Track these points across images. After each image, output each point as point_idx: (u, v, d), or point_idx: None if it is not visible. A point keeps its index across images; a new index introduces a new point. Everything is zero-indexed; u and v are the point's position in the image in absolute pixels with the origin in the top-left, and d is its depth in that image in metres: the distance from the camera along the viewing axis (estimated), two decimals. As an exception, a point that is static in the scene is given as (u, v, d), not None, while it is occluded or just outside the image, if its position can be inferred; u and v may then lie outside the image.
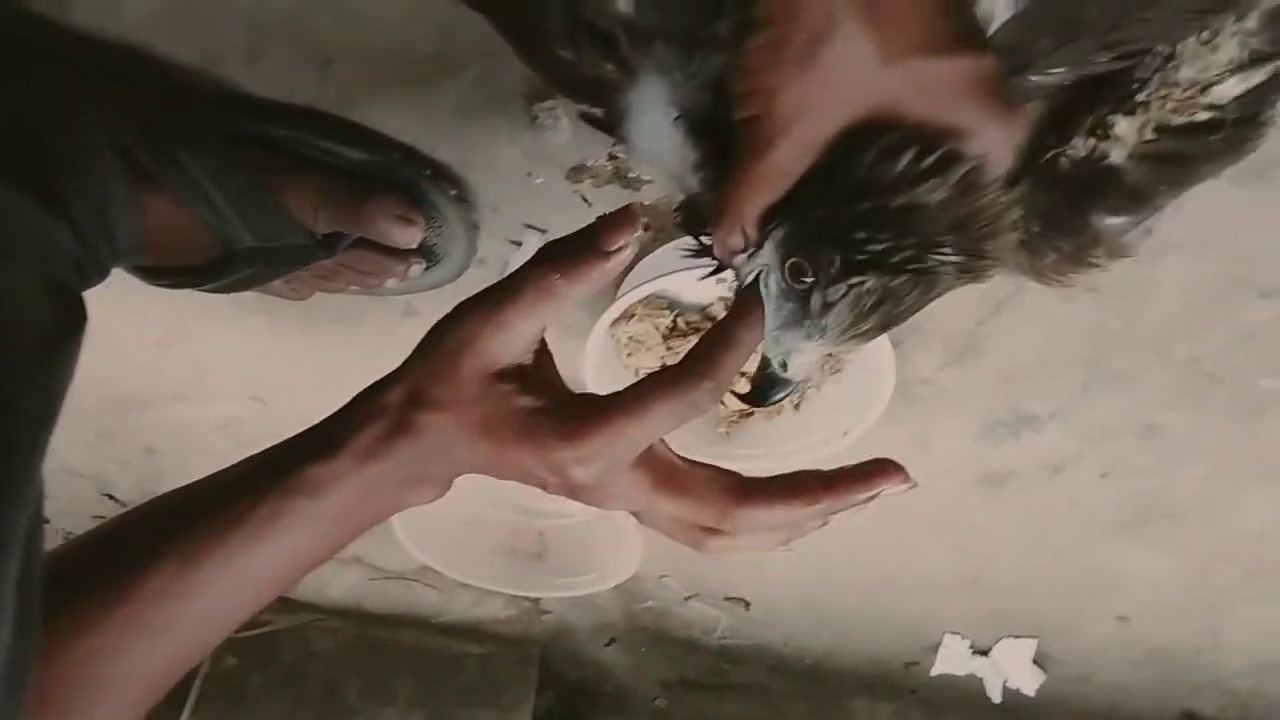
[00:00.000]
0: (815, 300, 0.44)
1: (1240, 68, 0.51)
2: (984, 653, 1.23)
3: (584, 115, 0.57)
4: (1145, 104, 0.54)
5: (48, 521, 0.46)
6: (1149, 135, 0.55)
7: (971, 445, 0.92)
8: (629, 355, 0.83)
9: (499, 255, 0.79)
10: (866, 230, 0.41)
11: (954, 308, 0.79)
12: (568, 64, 0.51)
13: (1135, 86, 0.53)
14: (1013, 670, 1.23)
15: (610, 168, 0.71)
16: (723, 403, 0.86)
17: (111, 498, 1.18)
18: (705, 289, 0.80)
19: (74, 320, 0.58)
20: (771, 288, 0.47)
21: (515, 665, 1.25)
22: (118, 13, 0.64)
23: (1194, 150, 0.55)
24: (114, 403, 1.02)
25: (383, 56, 0.67)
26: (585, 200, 0.74)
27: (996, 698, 1.26)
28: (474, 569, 1.04)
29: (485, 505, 1.00)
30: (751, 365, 0.50)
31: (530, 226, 0.77)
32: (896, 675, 1.29)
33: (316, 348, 0.91)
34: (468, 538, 1.05)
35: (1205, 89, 0.52)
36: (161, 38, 0.66)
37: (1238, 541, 0.98)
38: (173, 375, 0.97)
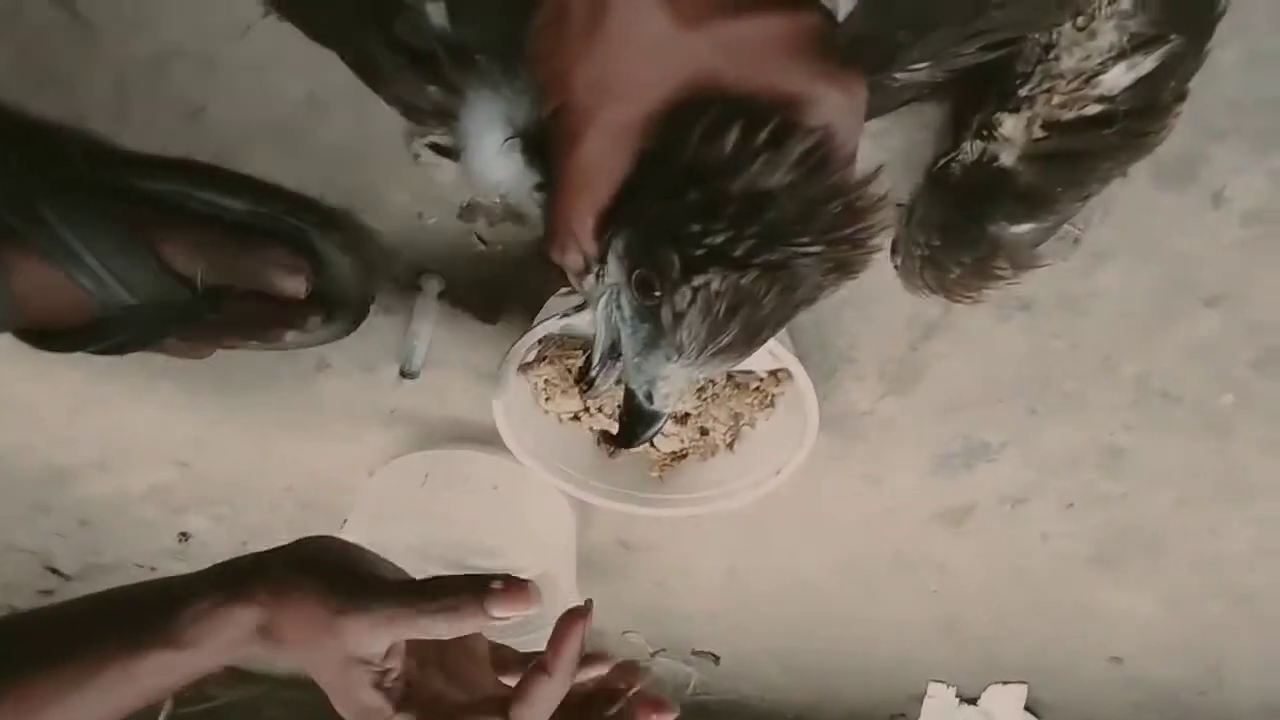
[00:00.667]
0: (665, 314, 0.39)
1: (1123, 54, 0.48)
2: (972, 701, 1.16)
3: (432, 146, 0.54)
4: (1030, 99, 0.50)
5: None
6: (1038, 133, 0.51)
7: (925, 480, 0.87)
8: (547, 399, 0.79)
9: (402, 301, 0.76)
10: (700, 221, 0.37)
11: (881, 333, 0.74)
12: (404, 91, 0.49)
13: (1018, 81, 0.50)
14: (1006, 719, 1.16)
15: (502, 205, 0.68)
16: (653, 446, 0.82)
17: (55, 571, 1.15)
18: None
19: None
20: (625, 309, 0.43)
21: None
22: (-25, 70, 0.62)
23: (1088, 146, 0.51)
24: (42, 474, 0.99)
25: (253, 102, 0.64)
26: (480, 239, 0.71)
27: (991, 749, 1.18)
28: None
29: (425, 560, 0.95)
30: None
31: (428, 271, 0.74)
32: (883, 727, 1.22)
33: (233, 407, 0.88)
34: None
35: (1092, 79, 0.49)
36: (24, 94, 0.64)
37: (1222, 569, 0.91)
38: (91, 444, 0.93)
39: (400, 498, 0.88)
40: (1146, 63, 0.48)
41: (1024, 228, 0.55)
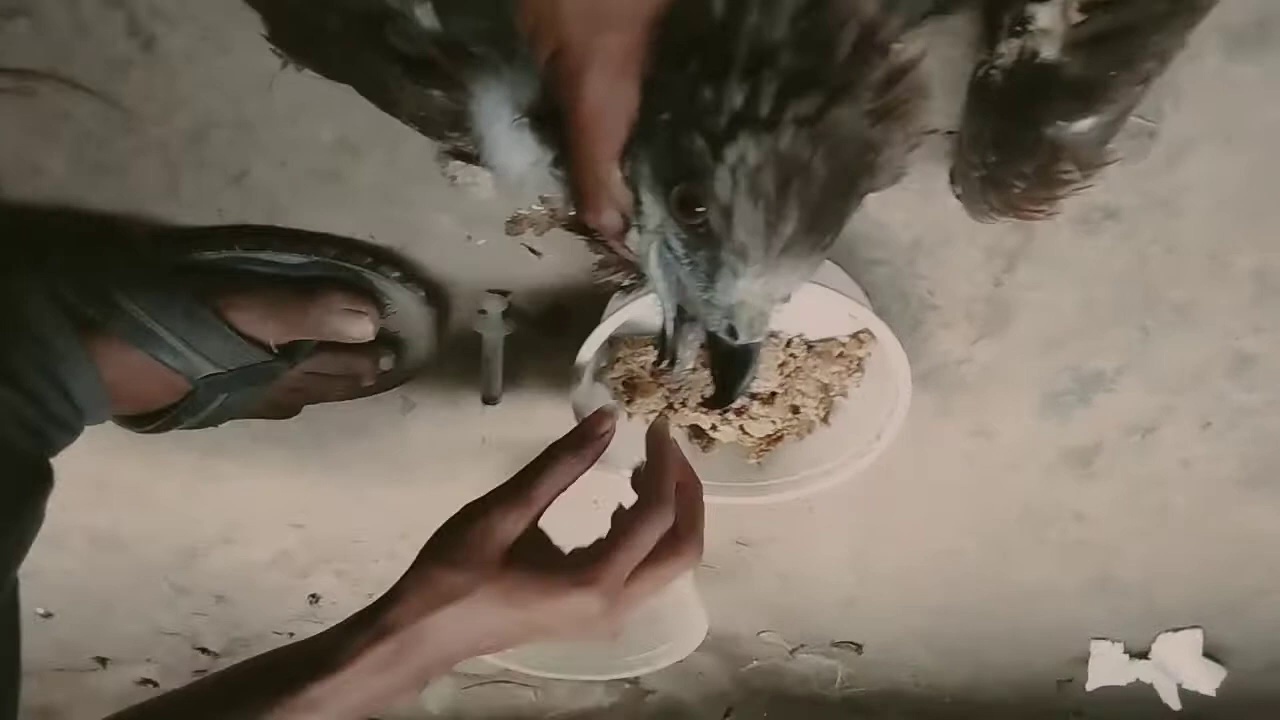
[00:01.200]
0: (714, 218, 0.36)
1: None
2: (1143, 655, 1.08)
3: (455, 152, 0.53)
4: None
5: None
6: (1075, 17, 0.47)
7: (1041, 423, 0.81)
8: (628, 402, 0.77)
9: (468, 326, 0.76)
10: (712, 86, 0.34)
11: (960, 272, 0.70)
12: (413, 104, 0.49)
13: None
14: (1184, 669, 1.07)
15: (546, 211, 0.68)
16: (746, 433, 0.79)
17: (205, 651, 1.20)
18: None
19: (28, 479, 0.59)
20: (676, 247, 0.41)
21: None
22: (37, 177, 0.66)
23: (1133, 19, 0.46)
24: (173, 557, 1.03)
25: (291, 155, 0.66)
26: (533, 251, 0.70)
27: (1175, 704, 1.09)
28: (546, 660, 0.99)
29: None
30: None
31: (492, 291, 0.74)
32: (1050, 697, 1.15)
33: (334, 462, 0.90)
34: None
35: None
36: (83, 190, 0.67)
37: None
38: (213, 520, 0.97)
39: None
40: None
41: (1084, 124, 0.50)
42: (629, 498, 0.85)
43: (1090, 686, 1.09)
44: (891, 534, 0.95)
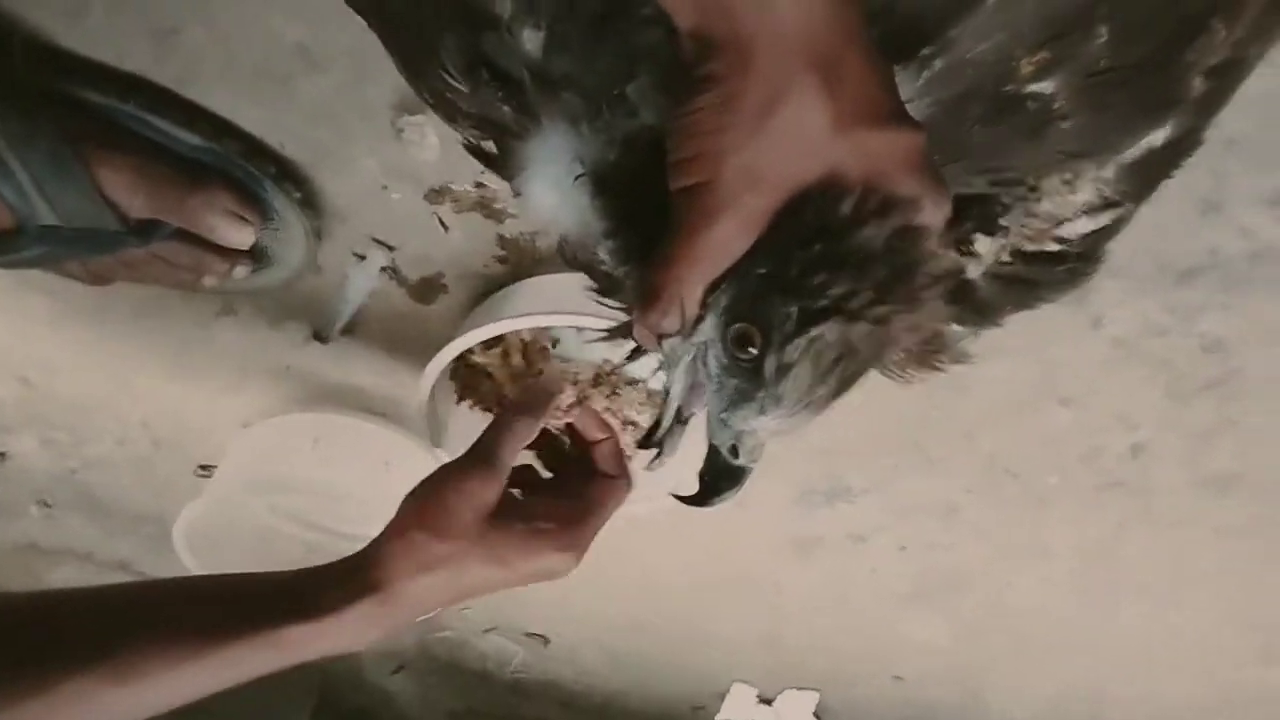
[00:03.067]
0: (769, 366, 0.41)
1: (1091, 210, 0.55)
2: (769, 702, 1.27)
3: (471, 147, 0.53)
4: (1006, 229, 0.56)
5: None
6: (1005, 258, 0.58)
7: (788, 509, 0.95)
8: (467, 388, 0.79)
9: (338, 265, 0.73)
10: (825, 274, 0.39)
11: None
12: (461, 95, 0.48)
13: (1000, 211, 0.56)
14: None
15: (476, 195, 0.68)
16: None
17: None
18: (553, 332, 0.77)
19: None
20: (711, 366, 0.44)
21: (292, 689, 1.16)
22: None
23: (1041, 277, 0.58)
24: None
25: (240, 37, 0.60)
26: (442, 223, 0.70)
27: (774, 745, 1.30)
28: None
29: (280, 518, 0.92)
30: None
31: (379, 241, 0.72)
32: (682, 718, 1.31)
33: (106, 338, 0.81)
34: (257, 554, 0.96)
35: (1059, 224, 0.56)
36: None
37: (1007, 615, 1.06)
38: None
39: (283, 455, 0.85)
40: (1103, 219, 0.56)
41: (962, 329, 0.62)
42: (422, 466, 0.87)
43: (717, 718, 1.27)
44: (629, 555, 1.04)
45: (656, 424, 0.48)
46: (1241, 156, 0.61)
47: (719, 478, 0.47)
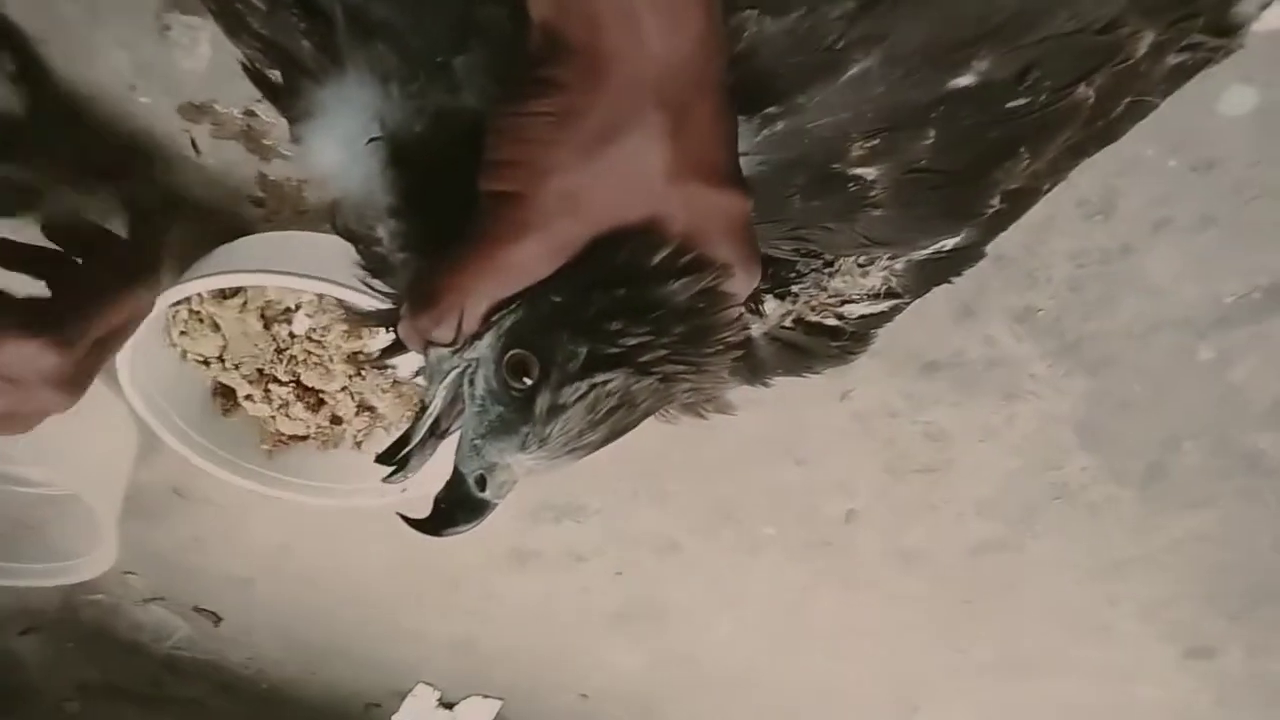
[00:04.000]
0: (541, 402, 0.37)
1: (874, 296, 0.57)
2: (449, 706, 1.23)
3: (252, 73, 0.45)
4: (796, 296, 0.57)
5: None
6: (787, 323, 0.58)
7: (518, 520, 0.92)
8: (182, 334, 0.68)
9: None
10: (624, 321, 0.36)
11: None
12: (255, 11, 0.40)
13: (795, 278, 0.56)
14: (469, 725, 1.25)
15: (243, 122, 0.59)
16: (275, 417, 0.75)
17: None
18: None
19: None
20: (477, 387, 0.39)
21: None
22: None
23: (815, 348, 0.59)
24: None
25: None
26: (195, 145, 0.60)
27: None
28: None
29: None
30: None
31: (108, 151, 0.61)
32: (353, 713, 1.24)
33: None
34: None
35: (844, 302, 0.57)
36: None
37: (699, 651, 1.09)
38: None
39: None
40: (882, 305, 0.58)
41: (739, 385, 0.62)
42: (96, 399, 0.75)
43: (393, 718, 1.21)
44: (332, 545, 0.96)
45: (406, 436, 0.43)
46: (1004, 273, 0.67)
47: (457, 508, 0.43)
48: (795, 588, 0.98)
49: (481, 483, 0.41)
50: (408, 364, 0.73)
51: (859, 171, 0.48)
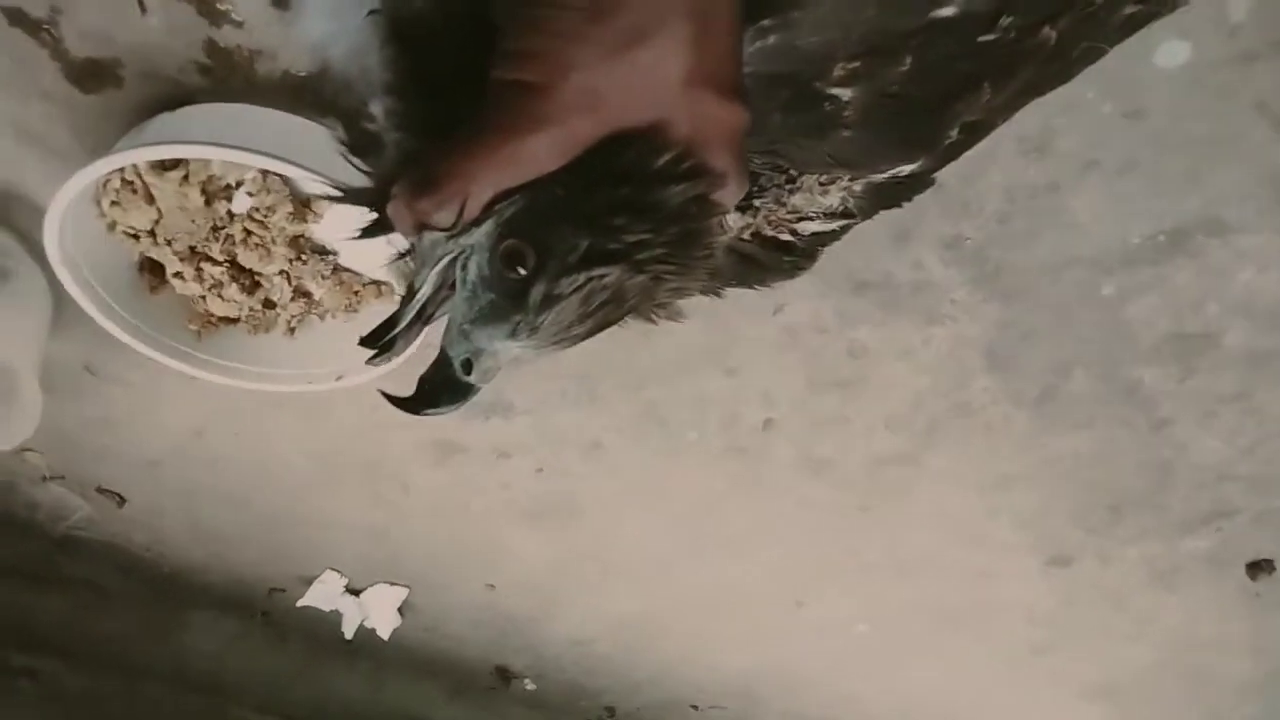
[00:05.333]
0: (536, 292, 0.38)
1: (830, 215, 0.59)
2: (356, 593, 1.24)
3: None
4: (756, 209, 0.59)
5: None
6: (745, 235, 0.60)
7: (450, 417, 0.92)
8: (113, 204, 0.65)
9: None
10: (626, 218, 0.37)
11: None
12: None
13: (757, 191, 0.58)
14: (375, 612, 1.26)
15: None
16: (205, 297, 0.73)
17: None
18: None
19: None
20: (470, 272, 0.40)
21: None
22: None
23: (769, 262, 0.61)
24: None
25: None
26: (140, 4, 0.56)
27: (349, 634, 1.28)
28: None
29: None
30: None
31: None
32: (256, 598, 1.24)
33: None
34: None
35: (800, 219, 0.59)
36: None
37: (607, 546, 1.14)
38: None
39: None
40: (834, 225, 0.60)
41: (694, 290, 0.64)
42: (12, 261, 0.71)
43: (299, 603, 1.22)
44: (250, 426, 0.95)
45: (393, 319, 0.43)
46: (941, 202, 0.70)
47: (441, 390, 0.43)
48: (710, 491, 1.03)
49: (468, 366, 0.42)
50: (352, 250, 0.73)
51: (836, 92, 0.50)
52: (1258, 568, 1.19)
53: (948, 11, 0.48)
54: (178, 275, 0.71)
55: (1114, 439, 0.94)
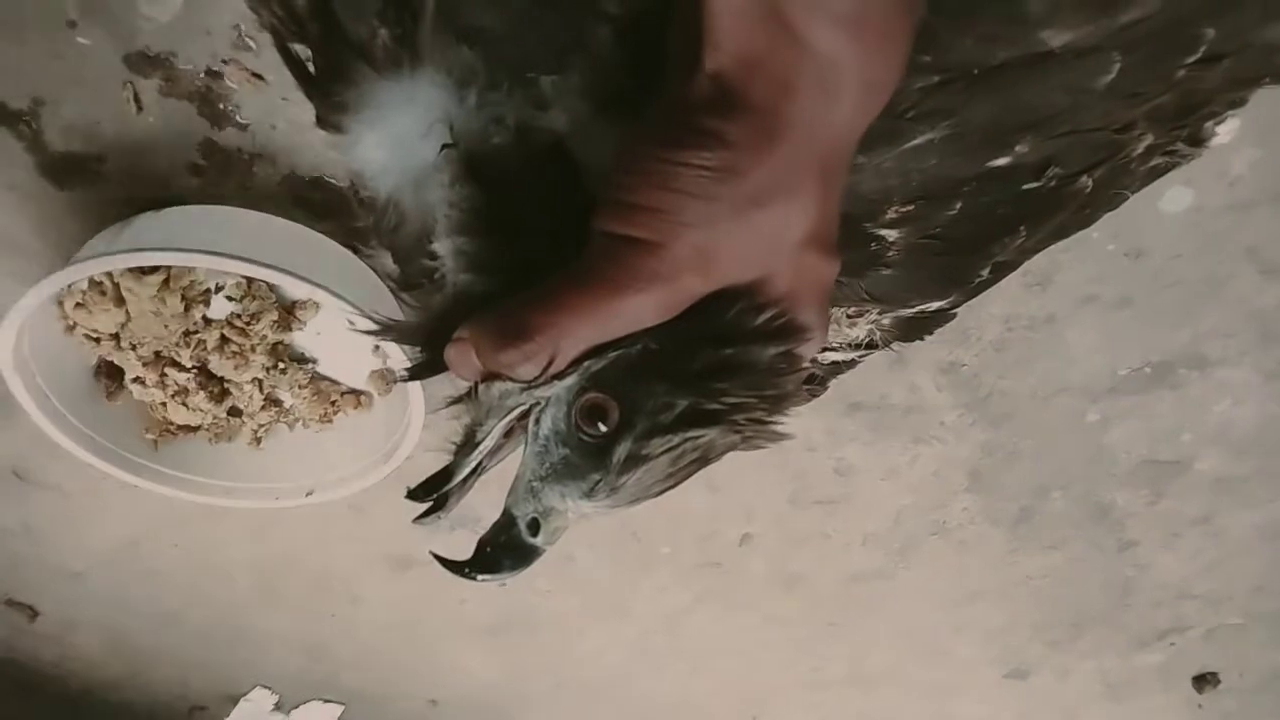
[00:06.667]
0: (620, 450, 0.35)
1: (855, 346, 0.58)
2: (287, 711, 1.15)
3: (281, 46, 0.40)
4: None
5: None
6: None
7: (407, 527, 0.86)
8: (77, 306, 0.59)
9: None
10: (727, 380, 0.35)
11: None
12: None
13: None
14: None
15: (203, 84, 0.52)
16: (166, 404, 0.67)
17: None
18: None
19: None
20: (543, 426, 0.37)
21: None
22: None
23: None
24: None
25: None
26: (136, 101, 0.52)
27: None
28: None
29: None
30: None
31: (35, 95, 0.52)
32: (176, 718, 1.13)
33: None
34: None
35: (824, 349, 0.58)
36: None
37: (564, 660, 1.08)
38: None
39: None
40: (853, 355, 0.59)
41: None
42: None
43: (222, 722, 1.12)
44: (187, 539, 0.87)
45: (447, 472, 0.39)
46: (943, 329, 0.70)
47: (504, 552, 0.39)
48: (676, 606, 0.99)
49: (534, 527, 0.38)
50: (333, 358, 0.68)
51: (884, 233, 0.49)
52: (1203, 680, 1.21)
53: (1002, 161, 0.48)
54: (137, 380, 0.65)
55: (1083, 559, 0.95)
